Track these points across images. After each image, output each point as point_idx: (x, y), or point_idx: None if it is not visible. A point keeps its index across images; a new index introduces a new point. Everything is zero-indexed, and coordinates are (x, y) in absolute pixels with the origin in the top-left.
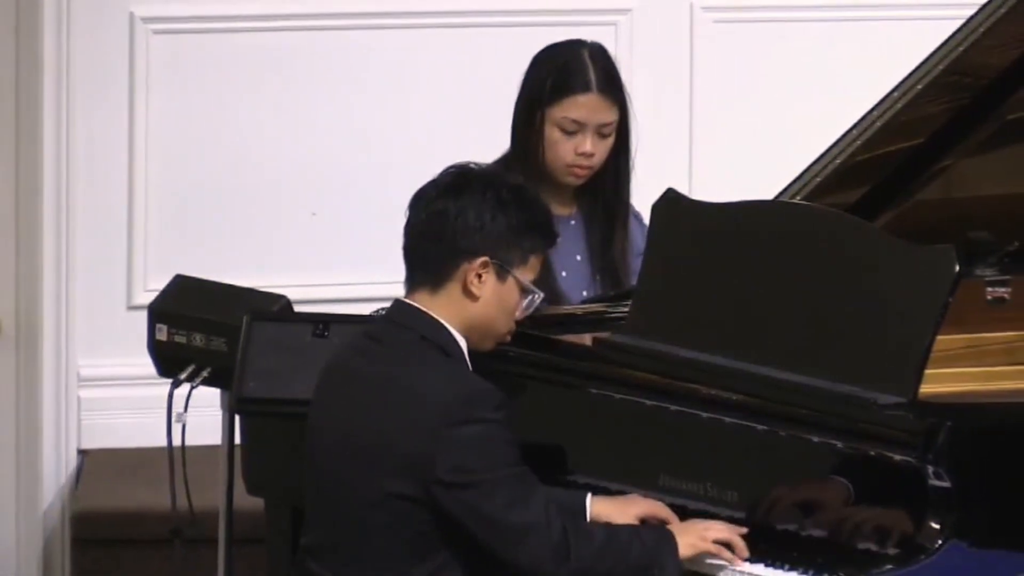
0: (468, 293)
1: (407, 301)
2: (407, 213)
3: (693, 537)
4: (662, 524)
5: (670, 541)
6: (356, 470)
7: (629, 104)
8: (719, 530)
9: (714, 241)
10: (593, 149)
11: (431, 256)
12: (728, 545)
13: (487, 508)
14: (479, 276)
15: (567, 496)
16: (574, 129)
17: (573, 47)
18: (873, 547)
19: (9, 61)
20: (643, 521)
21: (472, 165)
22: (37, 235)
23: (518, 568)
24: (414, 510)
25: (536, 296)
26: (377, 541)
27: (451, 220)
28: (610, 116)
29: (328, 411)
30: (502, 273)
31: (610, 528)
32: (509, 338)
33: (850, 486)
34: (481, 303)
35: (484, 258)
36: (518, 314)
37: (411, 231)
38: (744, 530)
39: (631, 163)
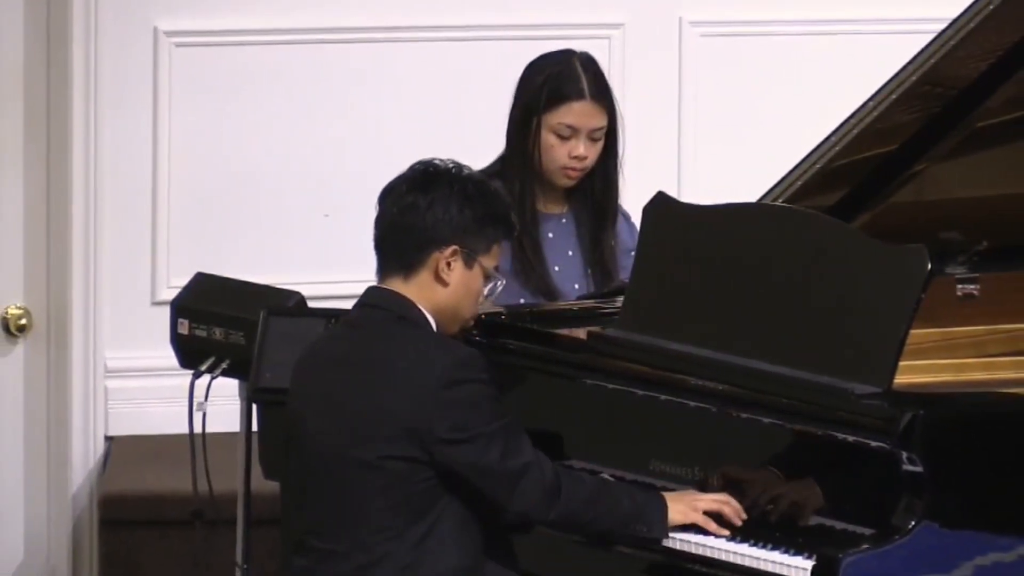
0: (439, 279)
1: (380, 286)
2: (377, 207)
3: (684, 505)
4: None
5: (661, 504)
6: (351, 443)
7: (618, 110)
8: (709, 501)
9: (701, 241)
10: (586, 152)
11: (404, 246)
12: (719, 517)
13: (484, 459)
14: (448, 264)
15: None
16: (568, 134)
17: (565, 56)
18: (850, 528)
19: (40, 73)
20: None
21: (437, 161)
22: (66, 236)
23: (514, 511)
24: (411, 469)
25: (499, 282)
26: (374, 505)
27: (422, 212)
28: (601, 121)
29: (314, 397)
30: (469, 260)
31: (603, 480)
32: (472, 323)
33: (829, 471)
34: (450, 288)
35: (454, 247)
36: (481, 299)
37: (383, 223)
38: (734, 502)
39: (619, 166)
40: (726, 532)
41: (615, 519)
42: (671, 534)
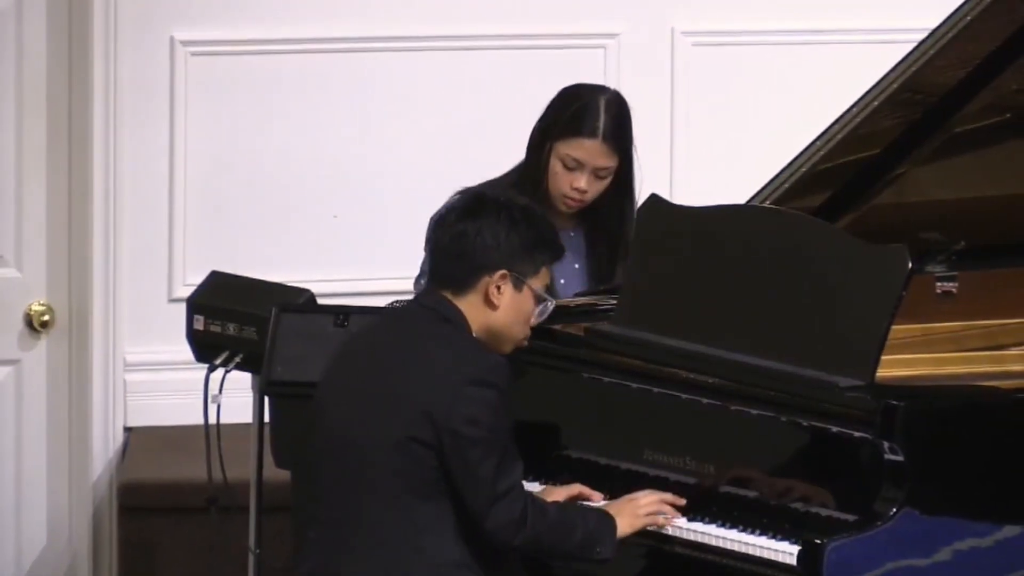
0: (488, 302)
1: (435, 291)
2: (428, 236)
3: (628, 516)
4: (599, 507)
5: (610, 522)
6: (374, 420)
7: (634, 152)
8: (648, 503)
9: (693, 240)
10: (587, 187)
11: (455, 272)
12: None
13: (481, 469)
14: (498, 287)
15: None
16: (574, 166)
17: (594, 92)
18: (834, 514)
19: (63, 80)
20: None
21: (485, 191)
22: (87, 236)
23: (482, 529)
24: (426, 455)
25: (549, 303)
26: (388, 482)
27: (471, 239)
28: (609, 162)
29: (347, 377)
30: (519, 283)
31: (562, 507)
32: (527, 343)
33: (814, 460)
34: (500, 311)
35: (503, 271)
36: (532, 320)
37: (435, 252)
38: (668, 496)
39: (634, 205)
40: (679, 514)
41: (572, 545)
42: (676, 524)
